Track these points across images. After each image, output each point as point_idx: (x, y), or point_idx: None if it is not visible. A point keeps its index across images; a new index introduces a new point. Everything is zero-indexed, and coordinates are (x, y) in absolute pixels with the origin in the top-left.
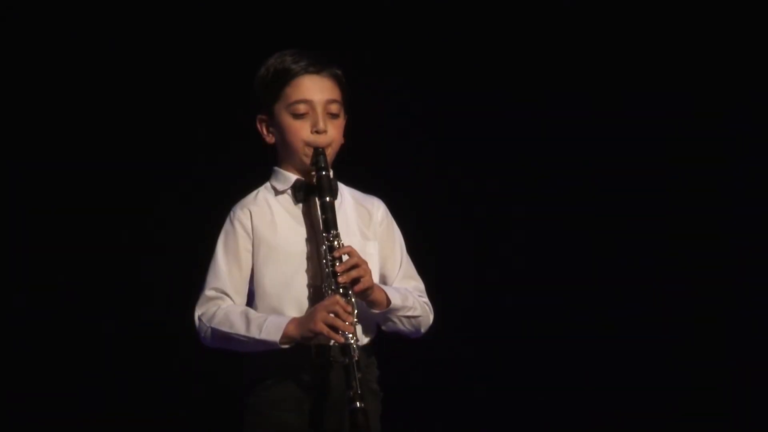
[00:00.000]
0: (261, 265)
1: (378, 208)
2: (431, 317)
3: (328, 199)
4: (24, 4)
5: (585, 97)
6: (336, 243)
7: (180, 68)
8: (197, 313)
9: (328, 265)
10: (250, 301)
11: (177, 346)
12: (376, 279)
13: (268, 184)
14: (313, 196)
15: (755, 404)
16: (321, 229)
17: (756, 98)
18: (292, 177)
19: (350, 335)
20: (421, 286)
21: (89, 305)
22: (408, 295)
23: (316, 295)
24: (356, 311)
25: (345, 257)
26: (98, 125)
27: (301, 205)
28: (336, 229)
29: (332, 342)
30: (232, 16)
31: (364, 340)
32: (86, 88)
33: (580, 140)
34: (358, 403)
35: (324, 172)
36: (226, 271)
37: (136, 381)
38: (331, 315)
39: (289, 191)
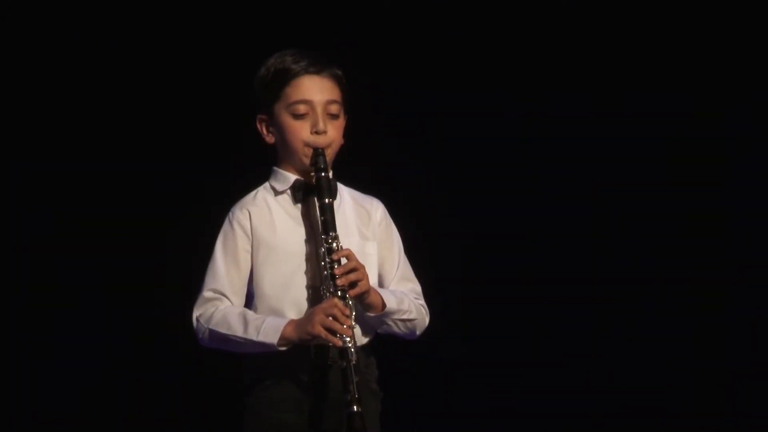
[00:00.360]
0: (260, 266)
1: (377, 209)
2: (427, 320)
3: (327, 200)
4: (24, 4)
5: (585, 97)
6: (335, 245)
7: (179, 68)
8: (195, 314)
9: (326, 267)
10: (249, 301)
11: (177, 346)
12: (374, 279)
13: (267, 184)
14: (313, 197)
15: (755, 404)
16: (320, 231)
17: (756, 98)
18: (292, 177)
19: (348, 339)
20: (418, 288)
21: (88, 305)
22: (404, 298)
23: (315, 296)
24: (354, 314)
25: (343, 260)
26: (97, 125)
27: (300, 205)
28: (335, 231)
29: (331, 344)
30: (231, 15)
31: (363, 340)
32: (85, 88)
33: (580, 140)
34: (355, 407)
35: (323, 173)
36: (225, 272)
37: (136, 381)
38: (329, 318)
39: (289, 191)
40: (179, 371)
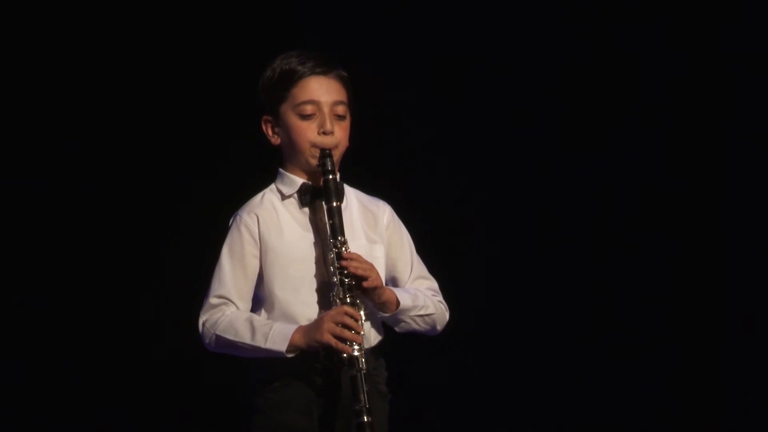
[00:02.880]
0: (269, 271)
1: (384, 212)
2: (447, 315)
3: (334, 203)
4: (24, 4)
5: (585, 97)
6: (343, 250)
7: (183, 69)
8: (201, 319)
9: (335, 273)
10: (257, 306)
11: (183, 347)
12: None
13: (273, 186)
14: (320, 200)
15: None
16: (328, 235)
17: (756, 98)
18: (298, 180)
19: (357, 347)
20: (435, 285)
21: (95, 308)
22: (418, 294)
23: (324, 300)
24: (364, 320)
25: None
26: (102, 128)
27: (307, 209)
28: (343, 235)
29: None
30: (235, 17)
31: (373, 342)
32: (90, 91)
33: (581, 140)
34: (365, 417)
35: (331, 176)
36: (231, 277)
37: (142, 382)
38: (339, 326)
39: (295, 195)
40: (186, 372)
